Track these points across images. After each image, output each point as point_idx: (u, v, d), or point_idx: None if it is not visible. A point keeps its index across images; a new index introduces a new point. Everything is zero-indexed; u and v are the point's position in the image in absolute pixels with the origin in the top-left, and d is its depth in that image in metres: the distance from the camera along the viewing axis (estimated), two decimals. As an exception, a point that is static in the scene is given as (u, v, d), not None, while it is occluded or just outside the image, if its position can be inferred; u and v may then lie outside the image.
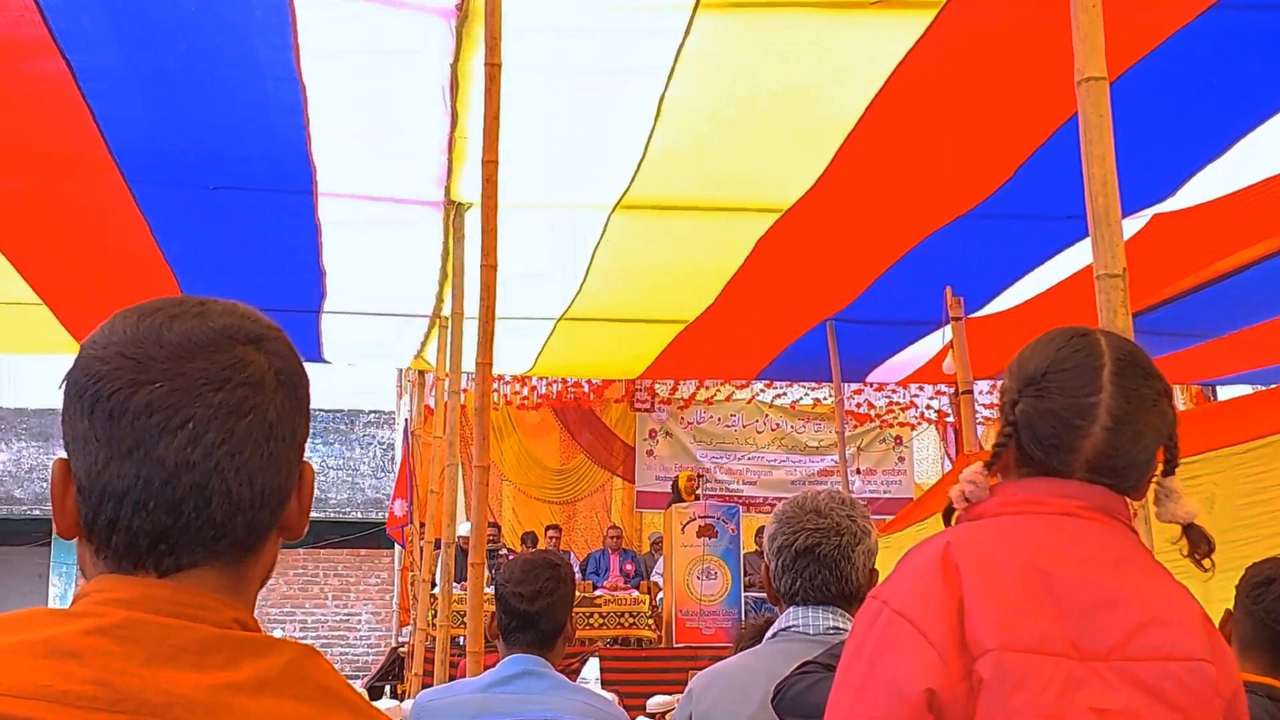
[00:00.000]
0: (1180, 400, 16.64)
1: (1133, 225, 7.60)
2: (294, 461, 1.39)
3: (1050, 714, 1.89)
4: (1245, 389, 13.92)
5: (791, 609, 3.13)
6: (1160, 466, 2.13)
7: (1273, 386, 12.12)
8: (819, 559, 3.09)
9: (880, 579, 3.12)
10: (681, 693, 3.41)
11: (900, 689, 1.91)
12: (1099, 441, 2.04)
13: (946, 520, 2.19)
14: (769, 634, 3.18)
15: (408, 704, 4.39)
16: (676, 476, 17.24)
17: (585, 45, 6.02)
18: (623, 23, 5.82)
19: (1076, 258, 8.16)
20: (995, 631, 1.91)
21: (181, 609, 1.26)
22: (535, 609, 3.62)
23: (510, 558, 6.39)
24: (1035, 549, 2.00)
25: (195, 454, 1.28)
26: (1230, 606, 3.47)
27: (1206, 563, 2.15)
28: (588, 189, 7.58)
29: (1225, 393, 15.74)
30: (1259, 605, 3.36)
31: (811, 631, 3.06)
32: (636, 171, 7.17)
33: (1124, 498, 2.10)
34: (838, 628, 3.05)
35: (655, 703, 10.87)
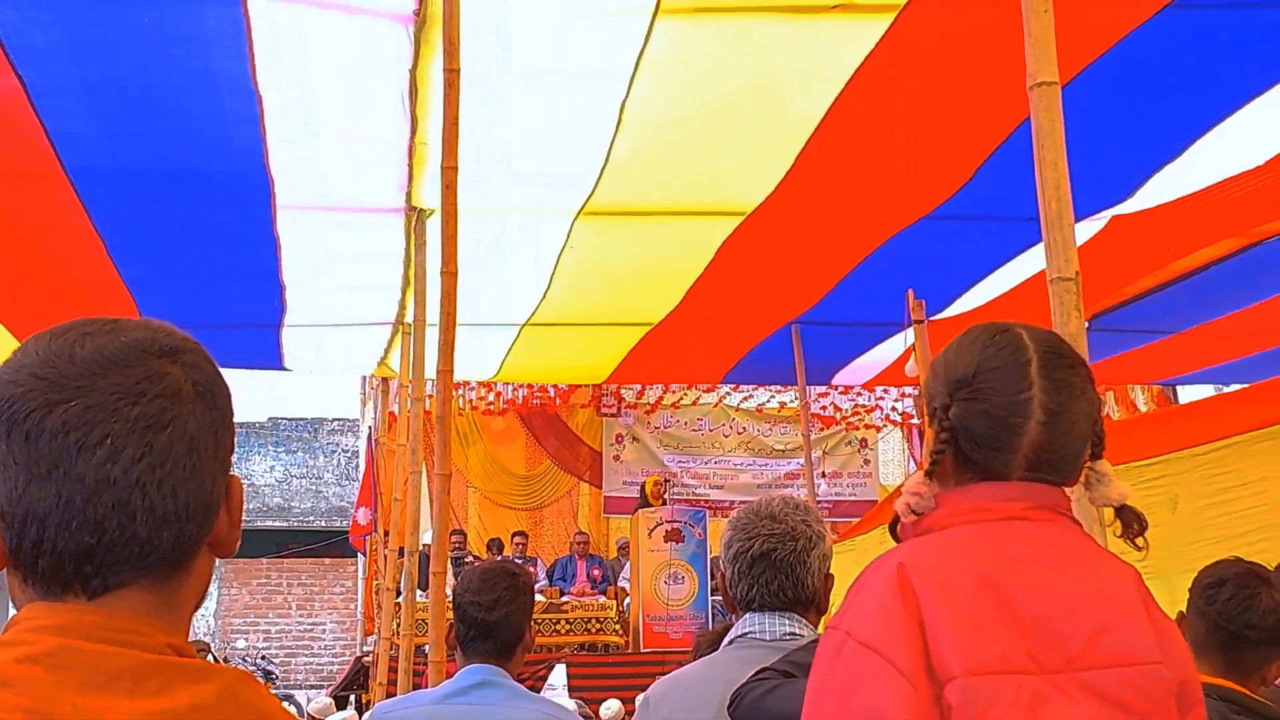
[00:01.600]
0: (1141, 400, 16.72)
1: (1092, 227, 7.63)
2: (219, 474, 1.36)
3: None
4: (1206, 389, 14.00)
5: (748, 615, 3.12)
6: (1089, 451, 2.13)
7: (1232, 388, 12.20)
8: (775, 564, 3.09)
9: (837, 584, 3.13)
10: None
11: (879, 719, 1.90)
12: (1036, 437, 2.04)
13: (893, 532, 2.18)
14: (725, 641, 3.18)
15: (367, 715, 4.36)
16: (644, 481, 17.23)
17: (545, 51, 6.01)
18: (582, 28, 5.80)
19: (1036, 259, 8.18)
20: (959, 656, 1.91)
21: (114, 635, 1.25)
22: (493, 618, 3.60)
23: (474, 565, 6.36)
24: (987, 561, 2.00)
25: (115, 470, 1.26)
26: (1184, 609, 3.49)
27: (1140, 541, 2.15)
28: (551, 195, 7.56)
29: (1186, 393, 15.83)
30: (1211, 606, 3.38)
31: (768, 638, 3.06)
32: (599, 177, 7.16)
33: (1063, 491, 2.11)
34: (794, 633, 3.05)
35: (607, 708, 10.88)
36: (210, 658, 13.53)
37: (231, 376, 1.44)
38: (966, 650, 1.91)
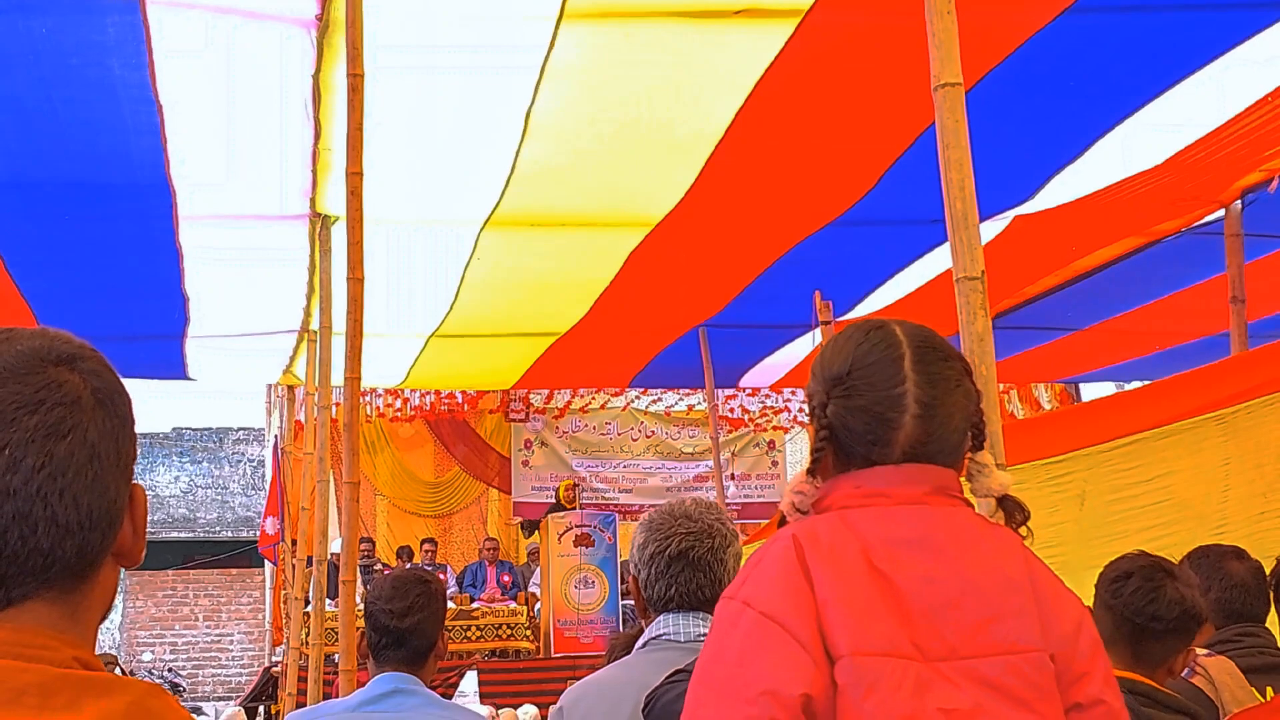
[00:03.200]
0: (1045, 398, 16.92)
1: (994, 227, 7.72)
2: (121, 482, 1.34)
3: (901, 715, 1.91)
4: (1108, 386, 14.21)
5: (662, 617, 3.11)
6: (969, 442, 2.17)
7: (1134, 386, 12.40)
8: (693, 563, 3.09)
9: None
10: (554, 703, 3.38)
11: (775, 692, 1.91)
12: (911, 430, 2.08)
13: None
14: (639, 644, 3.17)
15: (278, 727, 4.32)
16: (557, 486, 17.24)
17: (449, 57, 5.97)
18: (487, 34, 5.78)
19: (940, 260, 8.27)
20: (848, 637, 1.93)
21: (21, 650, 1.22)
22: (406, 625, 3.58)
23: (384, 573, 6.33)
24: (880, 548, 2.03)
25: (15, 480, 1.24)
26: (1090, 603, 3.52)
27: (1024, 531, 2.19)
28: (457, 204, 7.53)
29: (1088, 391, 16.04)
30: (1117, 599, 3.43)
31: (683, 639, 3.06)
32: (506, 186, 7.13)
33: (957, 474, 2.15)
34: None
35: (524, 712, 10.86)
36: (118, 671, 13.32)
37: (134, 387, 1.41)
38: (853, 630, 1.94)
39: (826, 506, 2.12)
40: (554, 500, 16.90)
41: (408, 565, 15.36)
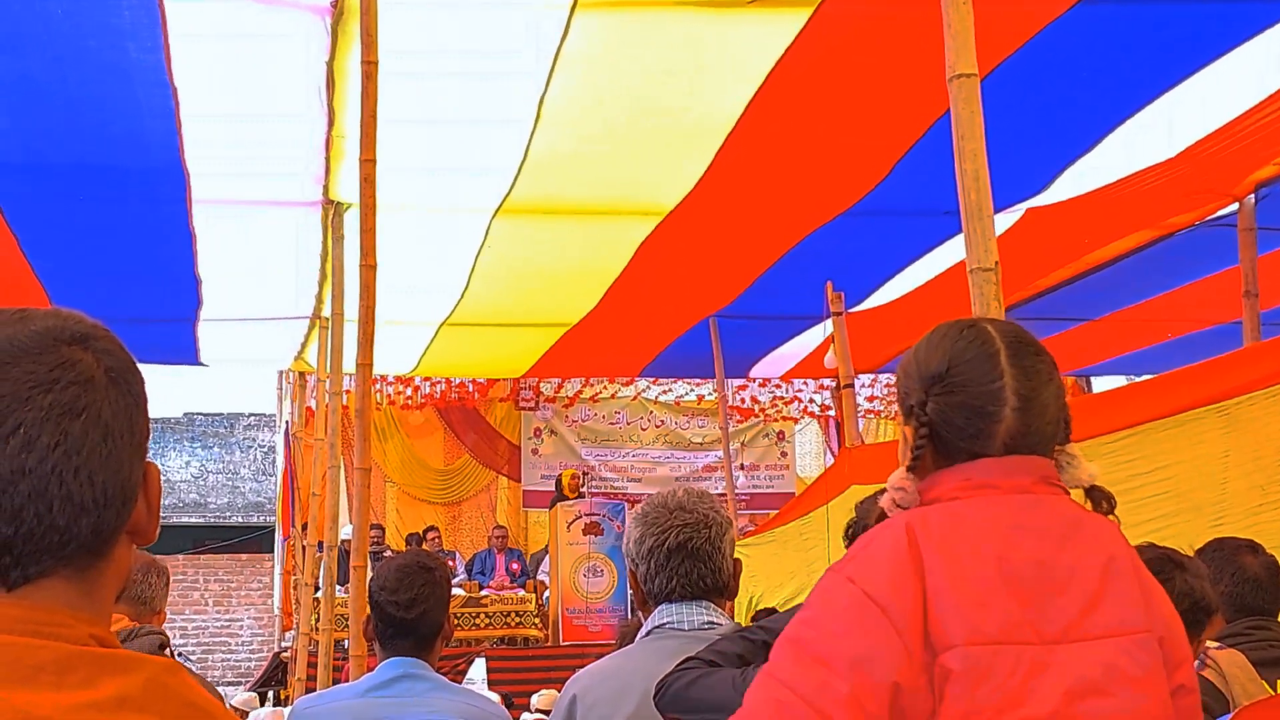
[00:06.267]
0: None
1: (1008, 219, 7.70)
2: (135, 460, 1.34)
3: (1017, 697, 1.95)
4: (1119, 379, 14.21)
5: (663, 606, 3.13)
6: (1060, 435, 2.21)
7: (1143, 379, 12.38)
8: (693, 554, 3.10)
9: (757, 576, 3.15)
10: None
11: (869, 675, 1.93)
12: (1011, 423, 2.11)
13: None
14: (641, 633, 3.18)
15: (287, 710, 4.32)
16: (559, 475, 17.21)
17: (463, 45, 5.98)
18: (501, 21, 5.78)
19: (953, 252, 8.26)
20: (961, 626, 1.97)
21: (37, 627, 1.23)
22: (412, 616, 3.57)
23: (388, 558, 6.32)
24: (993, 534, 2.06)
25: (30, 459, 1.25)
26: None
27: (1111, 519, 2.23)
28: (469, 191, 7.53)
29: (1099, 383, 16.03)
30: None
31: (687, 628, 3.07)
32: (518, 174, 7.13)
33: (1052, 462, 2.18)
34: (712, 622, 3.07)
35: (538, 698, 10.89)
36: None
37: (146, 372, 1.41)
38: (968, 619, 1.97)
39: (933, 499, 2.15)
40: (556, 489, 16.86)
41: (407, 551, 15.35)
